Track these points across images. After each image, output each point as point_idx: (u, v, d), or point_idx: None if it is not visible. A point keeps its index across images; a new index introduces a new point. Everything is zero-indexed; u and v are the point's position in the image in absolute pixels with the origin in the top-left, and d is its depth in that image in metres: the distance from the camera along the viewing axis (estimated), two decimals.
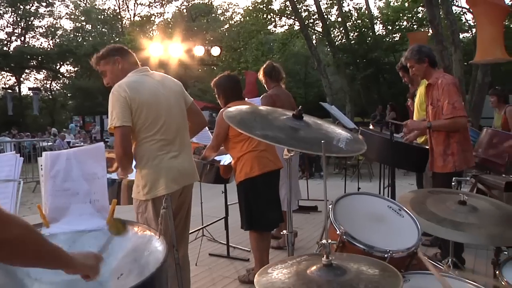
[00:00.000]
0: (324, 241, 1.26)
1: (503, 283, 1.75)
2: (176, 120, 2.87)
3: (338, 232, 1.70)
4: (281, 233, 1.90)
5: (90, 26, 35.85)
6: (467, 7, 13.62)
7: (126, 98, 2.61)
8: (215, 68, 22.42)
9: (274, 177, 3.77)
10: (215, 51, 10.57)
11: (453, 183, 2.81)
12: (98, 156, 1.94)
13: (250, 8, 20.61)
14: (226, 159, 4.16)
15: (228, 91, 3.77)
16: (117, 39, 33.57)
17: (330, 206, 1.93)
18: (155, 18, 25.08)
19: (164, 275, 1.51)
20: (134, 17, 33.18)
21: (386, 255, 1.72)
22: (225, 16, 32.02)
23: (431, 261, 2.05)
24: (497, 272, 1.84)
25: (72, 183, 1.92)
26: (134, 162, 2.84)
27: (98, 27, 35.96)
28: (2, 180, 1.96)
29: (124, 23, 35.54)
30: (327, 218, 1.74)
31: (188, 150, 2.98)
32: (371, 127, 6.32)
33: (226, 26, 28.38)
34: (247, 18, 20.91)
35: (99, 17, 35.33)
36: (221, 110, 3.52)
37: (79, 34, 35.63)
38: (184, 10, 29.35)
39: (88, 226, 1.84)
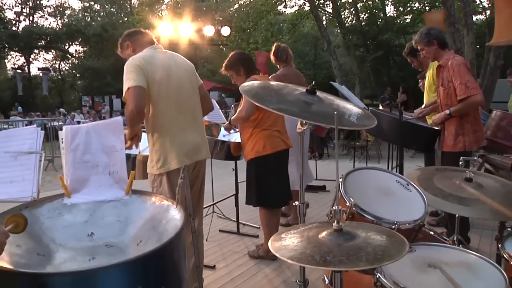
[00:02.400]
0: (335, 207, 1.33)
1: (505, 255, 1.81)
2: (188, 96, 2.94)
3: (348, 204, 1.77)
4: (294, 204, 1.97)
5: (98, 6, 35.73)
6: None
7: (141, 67, 2.67)
8: (224, 48, 22.37)
9: (284, 156, 3.86)
10: (225, 31, 10.56)
11: (460, 163, 2.87)
12: (116, 129, 2.01)
13: None
14: (235, 137, 4.23)
15: (248, 63, 3.83)
16: (126, 19, 33.53)
17: (341, 180, 2.00)
18: None
19: (182, 241, 1.59)
20: None
21: (393, 226, 1.79)
22: None
23: (437, 236, 2.13)
24: (499, 245, 1.91)
25: (92, 155, 2.00)
26: (146, 140, 2.93)
27: (107, 6, 35.83)
28: (25, 152, 2.04)
29: (132, 2, 35.39)
30: (338, 190, 1.82)
31: (201, 127, 3.06)
32: (380, 107, 6.34)
33: (235, 7, 28.16)
34: None
35: None
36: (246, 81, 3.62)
37: (88, 14, 35.55)
38: None
39: (108, 197, 1.92)
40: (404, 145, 4.10)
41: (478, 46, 11.76)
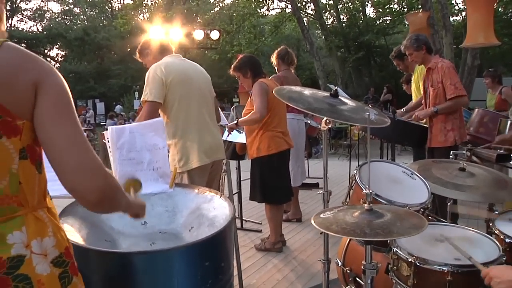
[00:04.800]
0: (365, 191, 1.63)
1: (496, 232, 2.14)
2: (207, 99, 3.23)
3: (364, 192, 2.07)
4: (317, 193, 2.28)
5: (79, 9, 35.55)
6: None
7: (162, 77, 2.96)
8: (206, 52, 22.57)
9: (287, 155, 4.16)
10: (214, 35, 10.81)
11: (451, 156, 3.23)
12: (158, 129, 2.28)
13: None
14: (239, 137, 4.49)
15: (256, 67, 4.07)
16: (106, 22, 33.44)
17: (355, 171, 2.31)
18: (147, 1, 25.00)
19: (232, 227, 1.87)
20: (124, 0, 33.04)
21: (405, 208, 2.10)
22: None
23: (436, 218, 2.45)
24: (490, 224, 2.24)
25: (136, 153, 2.25)
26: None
27: (87, 10, 35.68)
28: None
29: (113, 6, 35.32)
30: (353, 181, 2.14)
31: (217, 127, 3.35)
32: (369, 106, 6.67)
33: (216, 9, 28.36)
34: (239, 1, 21.03)
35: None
36: (255, 84, 3.90)
37: (68, 18, 35.35)
38: None
39: (154, 190, 2.18)
40: (398, 142, 4.45)
41: (456, 47, 12.23)
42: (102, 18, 35.38)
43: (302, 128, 5.11)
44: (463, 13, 19.07)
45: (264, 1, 21.04)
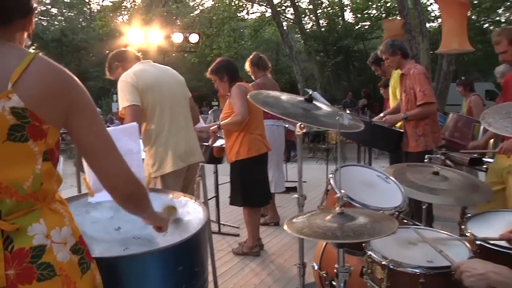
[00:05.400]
0: (338, 194, 1.64)
1: (467, 234, 2.18)
2: (180, 103, 3.22)
3: (338, 195, 2.09)
4: (292, 197, 2.29)
5: (56, 10, 35.01)
6: None
7: (133, 83, 2.94)
8: (186, 54, 22.52)
9: (266, 158, 4.17)
10: (193, 38, 10.77)
11: (425, 160, 3.29)
12: (132, 134, 2.25)
13: None
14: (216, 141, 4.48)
15: (232, 72, 4.06)
16: (84, 23, 33.02)
17: (331, 175, 2.33)
18: (126, 3, 24.80)
19: (206, 232, 1.86)
20: (102, 2, 32.70)
21: (379, 212, 2.12)
22: (195, 2, 31.86)
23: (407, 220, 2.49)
24: (462, 227, 2.28)
25: None
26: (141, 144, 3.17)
27: (65, 11, 35.16)
28: None
29: (92, 7, 34.93)
30: (328, 185, 2.15)
31: (193, 132, 3.33)
32: (347, 112, 6.74)
33: (196, 12, 28.31)
34: (219, 4, 21.04)
35: (65, 0, 34.52)
36: (234, 86, 3.90)
37: (45, 18, 34.77)
38: None
39: None
40: (374, 146, 4.49)
41: (432, 52, 12.45)
42: (80, 20, 34.92)
43: (281, 134, 5.15)
44: (439, 20, 19.41)
45: (244, 5, 21.11)
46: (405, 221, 2.64)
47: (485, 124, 2.60)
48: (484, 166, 3.78)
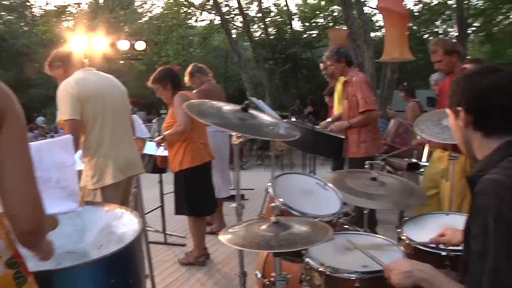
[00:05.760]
0: (273, 204, 1.65)
1: (403, 237, 2.25)
2: (122, 114, 3.15)
3: (277, 203, 2.10)
4: (230, 206, 2.28)
5: None
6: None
7: (73, 93, 2.85)
8: (133, 62, 22.14)
9: (209, 167, 4.15)
10: (140, 45, 10.59)
11: (366, 166, 3.36)
12: (67, 146, 2.17)
13: (171, 1, 20.57)
14: (160, 150, 4.40)
15: (176, 80, 4.03)
16: (26, 28, 31.76)
17: (270, 184, 2.34)
18: (71, 8, 24.08)
19: (140, 242, 1.82)
20: (46, 6, 31.53)
21: (316, 219, 2.15)
22: (143, 9, 31.39)
23: (351, 226, 2.54)
24: (398, 230, 2.35)
25: (44, 171, 2.13)
26: (79, 154, 3.08)
27: (3, 13, 33.64)
28: None
29: (33, 11, 33.63)
30: (267, 193, 2.15)
31: (134, 144, 3.27)
32: (293, 119, 6.84)
33: (144, 19, 27.91)
34: (167, 11, 20.87)
35: (4, 2, 33.01)
36: (176, 96, 3.87)
37: None
38: (101, 1, 28.40)
39: (62, 209, 2.06)
40: (317, 152, 4.56)
41: (377, 61, 12.86)
42: (22, 24, 33.56)
43: (226, 140, 5.13)
44: (384, 30, 20.10)
45: (193, 12, 21.05)
46: (346, 226, 2.69)
47: (417, 131, 2.71)
48: (422, 170, 3.94)
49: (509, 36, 22.63)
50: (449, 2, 21.21)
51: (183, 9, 20.51)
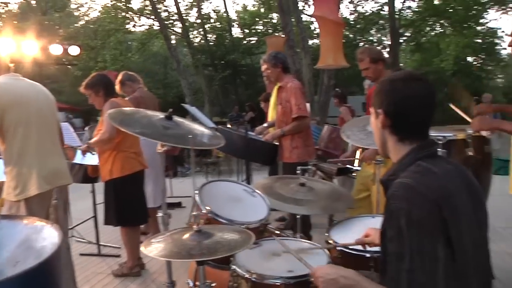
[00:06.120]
0: (194, 213, 1.64)
1: (330, 241, 2.31)
2: (48, 122, 3.02)
3: (203, 211, 2.09)
4: (156, 215, 2.25)
5: None
6: None
7: None
8: (70, 67, 21.41)
9: (141, 176, 4.07)
10: (73, 50, 10.22)
11: (297, 172, 3.43)
12: None
13: (109, 5, 20.11)
14: (91, 159, 4.28)
15: (109, 87, 3.93)
16: None
17: (197, 192, 2.33)
18: None
19: (60, 257, 1.75)
20: None
21: (243, 226, 2.16)
22: (80, 12, 30.36)
23: (278, 231, 2.57)
24: (326, 234, 2.41)
25: None
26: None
27: None
28: None
29: None
30: (194, 201, 2.14)
31: (60, 152, 3.14)
32: (228, 125, 6.86)
33: (81, 23, 27.02)
34: (105, 15, 20.37)
35: None
36: (106, 103, 3.77)
37: None
38: (33, 2, 27.15)
39: None
40: (250, 159, 4.59)
41: (314, 67, 13.17)
42: None
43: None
44: None
45: (131, 17, 20.68)
46: (277, 232, 2.72)
47: (344, 136, 2.79)
48: (354, 174, 4.05)
49: (435, 46, 24.08)
50: (382, 12, 22.20)
51: (121, 13, 20.11)
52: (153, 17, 19.43)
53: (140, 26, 21.95)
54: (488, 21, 23.17)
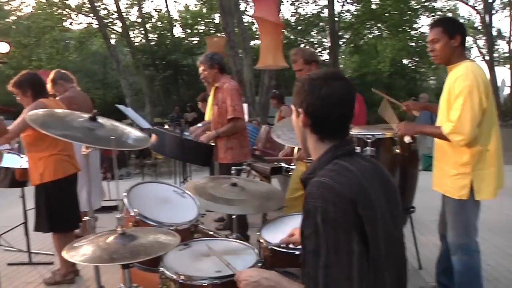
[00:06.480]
0: (118, 215, 1.62)
1: (261, 241, 2.34)
2: None
3: (132, 214, 2.06)
4: (83, 219, 2.20)
5: None
6: None
7: None
8: (1, 66, 20.35)
9: (74, 179, 3.93)
10: (4, 47, 9.73)
11: (232, 172, 3.45)
12: None
13: (43, 0, 19.28)
14: (19, 162, 4.11)
15: (37, 87, 3.77)
16: None
17: (125, 194, 2.29)
18: None
19: None
20: None
21: (172, 228, 2.15)
22: (11, 6, 28.84)
23: (212, 231, 2.58)
24: (258, 233, 2.44)
25: None
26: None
27: None
28: None
29: None
30: (123, 204, 2.11)
31: None
32: (166, 126, 6.77)
33: (12, 18, 25.69)
34: (40, 11, 19.51)
35: None
36: (31, 104, 3.62)
37: None
38: None
39: None
40: (186, 160, 4.55)
41: (254, 68, 13.28)
42: None
43: (95, 151, 4.93)
44: None
45: (68, 14, 19.96)
46: (210, 232, 2.73)
47: (274, 136, 2.84)
48: (290, 173, 4.12)
49: (373, 49, 25.01)
50: (322, 15, 22.75)
51: (57, 10, 19.36)
52: (91, 15, 18.85)
53: (78, 24, 21.27)
54: (420, 26, 24.35)
